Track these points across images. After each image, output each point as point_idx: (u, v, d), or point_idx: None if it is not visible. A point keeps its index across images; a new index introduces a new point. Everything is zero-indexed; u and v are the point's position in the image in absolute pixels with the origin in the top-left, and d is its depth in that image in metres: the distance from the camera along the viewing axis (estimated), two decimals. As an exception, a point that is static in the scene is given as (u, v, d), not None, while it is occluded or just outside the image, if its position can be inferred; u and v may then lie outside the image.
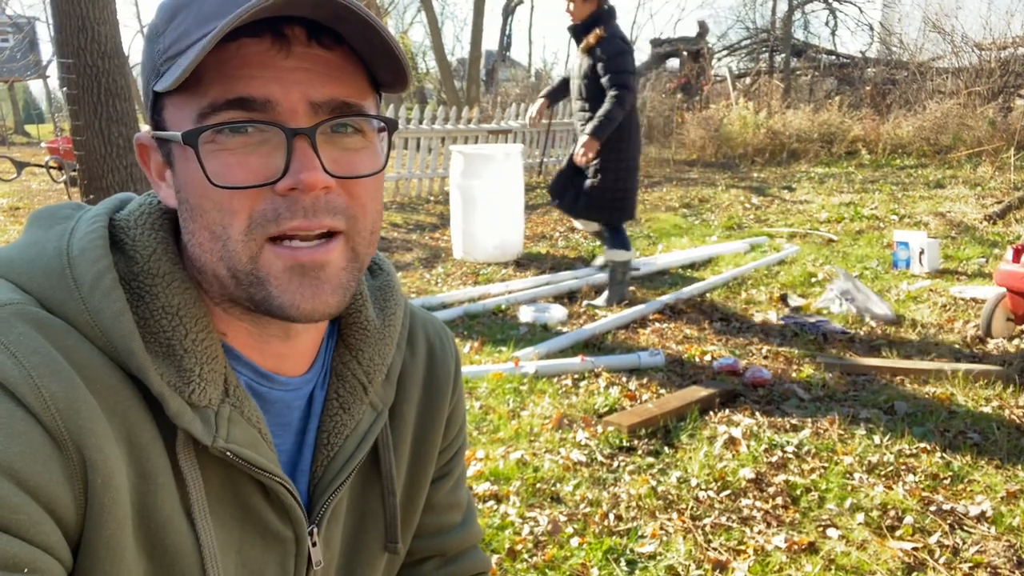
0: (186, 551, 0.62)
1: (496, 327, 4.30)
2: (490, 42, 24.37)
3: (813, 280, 5.12)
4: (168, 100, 0.62)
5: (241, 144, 0.58)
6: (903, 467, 2.63)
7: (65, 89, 6.04)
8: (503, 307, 4.66)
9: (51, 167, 10.45)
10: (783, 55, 15.83)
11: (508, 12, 22.64)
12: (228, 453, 0.62)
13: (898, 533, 2.26)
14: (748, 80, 15.23)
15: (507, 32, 22.78)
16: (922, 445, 2.76)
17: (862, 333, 4.09)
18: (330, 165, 0.60)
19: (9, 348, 0.55)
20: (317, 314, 0.61)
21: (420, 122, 9.04)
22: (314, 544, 0.71)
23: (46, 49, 26.41)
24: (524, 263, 5.96)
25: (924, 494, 2.46)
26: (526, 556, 2.19)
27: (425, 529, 0.87)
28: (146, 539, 0.60)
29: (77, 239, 0.62)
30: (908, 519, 2.32)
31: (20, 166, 11.42)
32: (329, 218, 0.60)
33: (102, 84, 5.71)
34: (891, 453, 2.72)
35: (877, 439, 2.82)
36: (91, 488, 0.56)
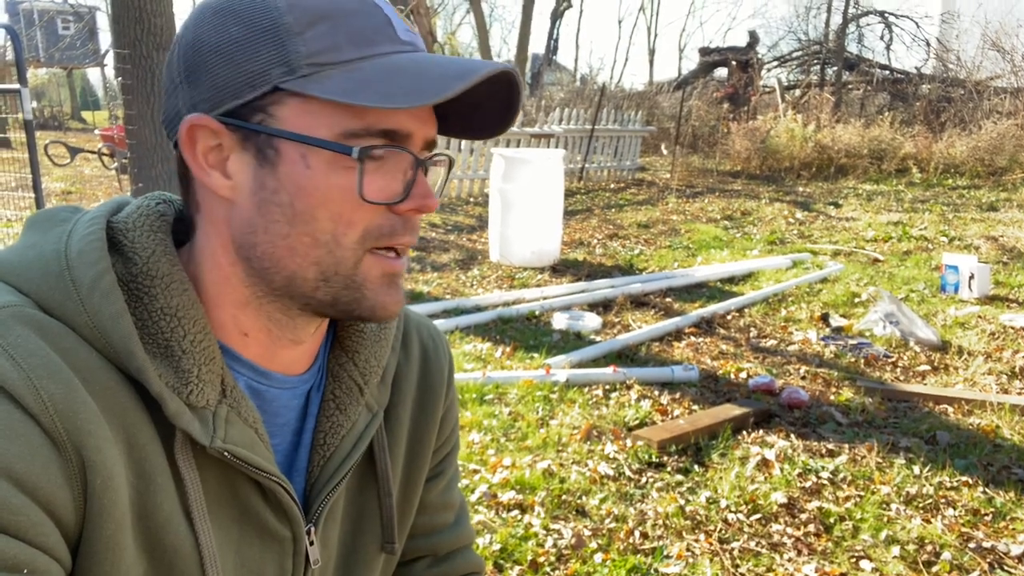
0: (185, 551, 0.62)
1: (529, 333, 4.28)
2: (537, 45, 24.38)
3: (856, 300, 5.00)
4: (291, 99, 0.61)
5: (375, 166, 0.63)
6: (943, 500, 2.54)
7: (120, 79, 6.19)
8: (537, 313, 4.63)
9: (103, 154, 10.72)
10: (835, 68, 15.54)
11: (556, 16, 22.63)
12: (226, 453, 0.63)
13: (935, 569, 2.18)
14: (798, 92, 15.00)
15: (554, 36, 22.78)
16: (964, 478, 2.67)
17: (905, 358, 3.97)
18: None
19: (8, 350, 0.55)
20: (395, 315, 0.69)
21: (463, 123, 9.06)
22: (311, 543, 0.72)
23: (105, 38, 27.16)
24: (560, 269, 5.92)
25: (964, 530, 2.37)
26: (548, 569, 2.16)
27: (418, 529, 0.88)
28: (145, 539, 0.60)
29: (75, 241, 0.63)
30: (946, 555, 2.23)
31: (74, 151, 11.76)
32: (416, 237, 0.68)
33: (156, 75, 5.83)
34: (931, 485, 2.63)
35: (917, 469, 2.73)
36: (90, 489, 0.56)
